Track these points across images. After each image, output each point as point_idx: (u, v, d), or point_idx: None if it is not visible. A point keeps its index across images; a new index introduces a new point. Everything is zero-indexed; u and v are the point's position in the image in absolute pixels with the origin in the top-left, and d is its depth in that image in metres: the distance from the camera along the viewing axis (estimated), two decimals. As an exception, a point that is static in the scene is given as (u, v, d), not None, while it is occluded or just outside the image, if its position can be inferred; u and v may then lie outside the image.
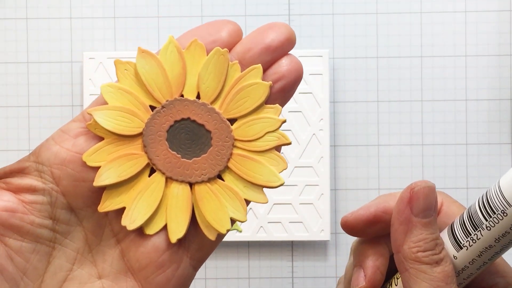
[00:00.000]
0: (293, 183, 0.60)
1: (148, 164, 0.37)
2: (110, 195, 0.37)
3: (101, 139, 0.36)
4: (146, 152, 0.37)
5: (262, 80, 0.37)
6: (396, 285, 0.41)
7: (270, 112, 0.37)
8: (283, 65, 0.37)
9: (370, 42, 0.61)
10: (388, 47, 0.61)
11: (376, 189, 0.61)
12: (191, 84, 0.37)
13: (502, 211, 0.37)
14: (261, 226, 0.60)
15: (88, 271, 0.36)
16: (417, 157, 0.61)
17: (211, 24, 0.37)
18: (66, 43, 0.61)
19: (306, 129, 0.60)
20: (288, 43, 0.36)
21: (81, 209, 0.36)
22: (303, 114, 0.60)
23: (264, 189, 0.38)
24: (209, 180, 0.37)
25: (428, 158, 0.61)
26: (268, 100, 0.37)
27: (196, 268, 0.37)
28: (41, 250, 0.35)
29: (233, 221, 0.37)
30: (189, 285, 0.37)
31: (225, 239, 0.59)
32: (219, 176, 0.37)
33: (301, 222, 0.60)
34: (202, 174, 0.37)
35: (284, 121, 0.37)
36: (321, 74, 0.60)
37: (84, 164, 0.36)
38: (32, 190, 0.34)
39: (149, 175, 0.37)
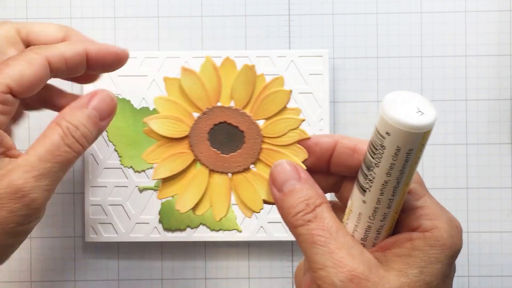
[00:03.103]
0: (293, 183, 0.60)
1: (194, 160, 0.46)
2: (165, 185, 0.46)
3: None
4: (192, 151, 0.46)
5: (284, 88, 0.45)
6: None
7: (291, 113, 0.46)
8: None
9: (370, 42, 0.61)
10: (388, 47, 0.61)
11: (376, 189, 0.61)
12: (225, 94, 0.46)
13: (381, 145, 0.40)
14: (261, 226, 0.60)
15: None
16: (417, 157, 0.61)
17: None
18: (66, 43, 0.61)
19: (306, 129, 0.60)
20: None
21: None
22: (303, 114, 0.60)
23: None
24: (244, 170, 0.47)
25: (428, 158, 0.61)
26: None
27: None
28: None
29: (265, 202, 0.46)
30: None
31: (225, 239, 0.60)
32: (252, 167, 0.47)
33: (301, 222, 0.60)
34: (238, 166, 0.47)
35: (303, 120, 0.46)
36: (321, 74, 0.60)
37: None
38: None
39: (196, 169, 0.46)
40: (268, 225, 0.60)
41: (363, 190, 0.42)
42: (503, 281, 0.61)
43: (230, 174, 0.47)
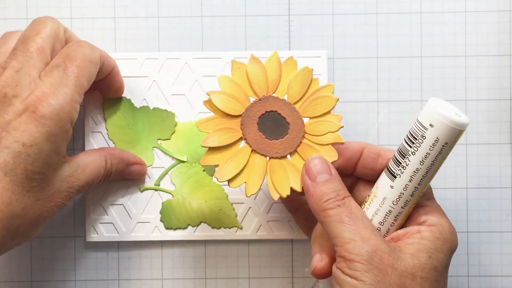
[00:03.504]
0: (293, 183, 0.61)
1: (241, 138, 0.52)
2: (210, 154, 0.51)
3: None
4: (241, 129, 0.52)
5: (332, 95, 0.52)
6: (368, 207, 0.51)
7: (334, 118, 0.52)
8: None
9: (370, 42, 0.61)
10: (388, 47, 0.62)
11: (376, 189, 0.61)
12: (282, 88, 0.52)
13: (422, 135, 0.48)
14: (261, 225, 0.60)
15: None
16: (417, 157, 0.61)
17: None
18: (66, 43, 0.61)
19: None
20: None
21: None
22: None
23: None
24: (281, 157, 0.52)
25: (428, 158, 0.61)
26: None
27: None
28: None
29: (292, 190, 0.51)
30: None
31: (225, 237, 0.60)
32: (288, 157, 0.52)
33: (301, 221, 0.60)
34: (278, 152, 0.52)
35: (342, 127, 0.52)
36: (320, 75, 0.60)
37: None
38: None
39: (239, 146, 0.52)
40: (268, 224, 0.60)
41: (393, 176, 0.49)
42: (502, 281, 0.61)
43: (267, 158, 0.52)
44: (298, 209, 0.58)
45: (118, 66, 0.58)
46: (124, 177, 0.58)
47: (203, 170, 0.60)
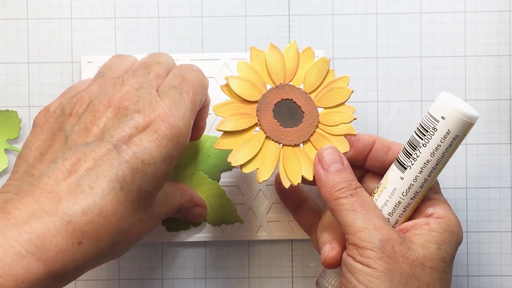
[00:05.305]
0: (293, 183, 0.61)
1: (256, 124, 0.52)
2: (225, 138, 0.51)
3: None
4: (257, 115, 0.52)
5: (348, 86, 0.53)
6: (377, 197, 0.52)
7: (347, 110, 0.53)
8: None
9: (369, 42, 0.62)
10: (388, 48, 0.62)
11: (376, 189, 0.61)
12: (299, 77, 0.53)
13: (433, 128, 0.49)
14: (261, 225, 0.60)
15: None
16: (416, 157, 0.61)
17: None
18: (66, 43, 0.61)
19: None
20: None
21: None
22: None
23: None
24: (294, 145, 0.52)
25: (427, 158, 0.61)
26: None
27: None
28: None
29: (303, 178, 0.51)
30: None
31: (225, 238, 0.60)
32: (301, 145, 0.52)
33: (301, 221, 0.60)
34: (291, 140, 0.52)
35: (355, 118, 0.53)
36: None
37: None
38: None
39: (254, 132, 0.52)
40: (268, 224, 0.60)
41: (404, 168, 0.50)
42: (502, 280, 0.61)
43: (281, 145, 0.52)
44: (299, 208, 0.58)
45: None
46: (186, 216, 0.58)
47: (198, 170, 0.60)
